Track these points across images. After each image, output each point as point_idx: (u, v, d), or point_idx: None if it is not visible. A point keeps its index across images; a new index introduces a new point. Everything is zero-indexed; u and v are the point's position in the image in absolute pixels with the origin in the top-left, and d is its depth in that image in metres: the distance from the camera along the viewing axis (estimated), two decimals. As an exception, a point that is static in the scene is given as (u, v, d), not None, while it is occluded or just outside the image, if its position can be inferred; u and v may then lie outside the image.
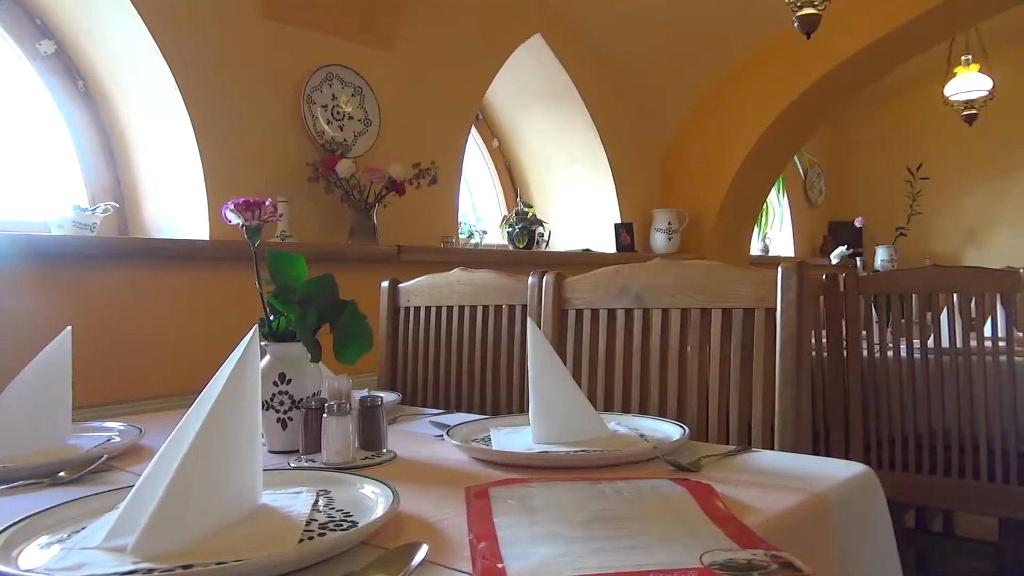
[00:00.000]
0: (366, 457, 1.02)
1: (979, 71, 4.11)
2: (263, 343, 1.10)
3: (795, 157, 5.07)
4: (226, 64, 2.28)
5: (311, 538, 0.69)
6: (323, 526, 0.72)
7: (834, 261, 4.44)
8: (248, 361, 0.78)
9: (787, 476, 0.95)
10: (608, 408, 1.36)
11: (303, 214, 2.39)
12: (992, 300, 2.33)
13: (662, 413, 1.29)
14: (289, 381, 1.08)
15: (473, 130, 3.67)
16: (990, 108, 4.32)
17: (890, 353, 2.26)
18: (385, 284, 1.77)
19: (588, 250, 3.40)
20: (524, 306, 1.52)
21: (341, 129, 2.55)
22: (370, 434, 1.06)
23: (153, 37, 2.12)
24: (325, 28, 2.51)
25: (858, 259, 5.25)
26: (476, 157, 3.72)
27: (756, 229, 4.77)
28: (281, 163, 2.38)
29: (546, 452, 1.04)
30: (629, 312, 1.35)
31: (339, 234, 2.48)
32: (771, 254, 4.88)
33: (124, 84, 2.26)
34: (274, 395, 1.08)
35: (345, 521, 0.74)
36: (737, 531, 0.73)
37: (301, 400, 1.07)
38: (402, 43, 2.75)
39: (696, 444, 1.11)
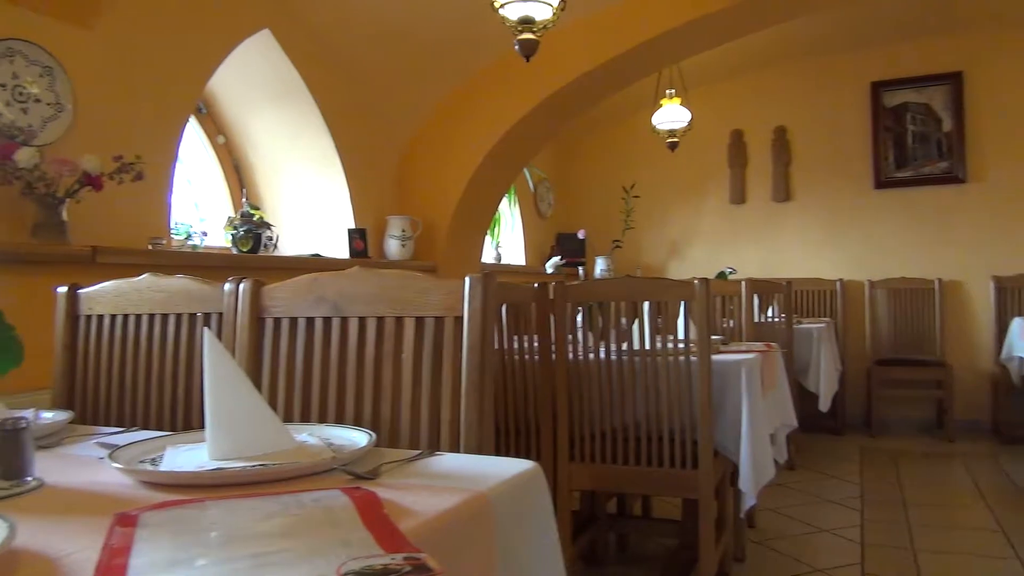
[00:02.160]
0: (1, 488, 0.90)
1: (680, 104, 4.64)
2: None
3: (525, 171, 5.38)
4: None
5: None
6: (-94, 574, 0.62)
7: (549, 271, 4.78)
8: None
9: (458, 477, 0.99)
10: (305, 418, 1.33)
11: (-28, 207, 2.08)
12: (676, 307, 2.64)
13: (358, 421, 1.29)
14: (-95, 404, 0.93)
15: (197, 125, 3.45)
16: (689, 138, 4.91)
17: (592, 356, 2.48)
18: (62, 290, 1.58)
19: (318, 255, 3.33)
20: (221, 314, 1.45)
21: (24, 112, 2.25)
22: (10, 461, 0.94)
23: None
24: (5, -4, 2.20)
25: (580, 268, 5.71)
26: (200, 154, 3.49)
27: (490, 238, 4.99)
28: (-58, 147, 2.04)
29: (220, 469, 0.99)
30: (327, 321, 1.33)
31: (19, 232, 2.19)
32: (503, 262, 5.12)
33: None
34: None
35: (-61, 566, 0.64)
36: (388, 537, 0.74)
37: (-79, 426, 0.92)
38: (106, 23, 2.49)
39: (383, 451, 1.13)
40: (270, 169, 3.57)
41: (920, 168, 5.32)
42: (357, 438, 1.13)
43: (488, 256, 5.01)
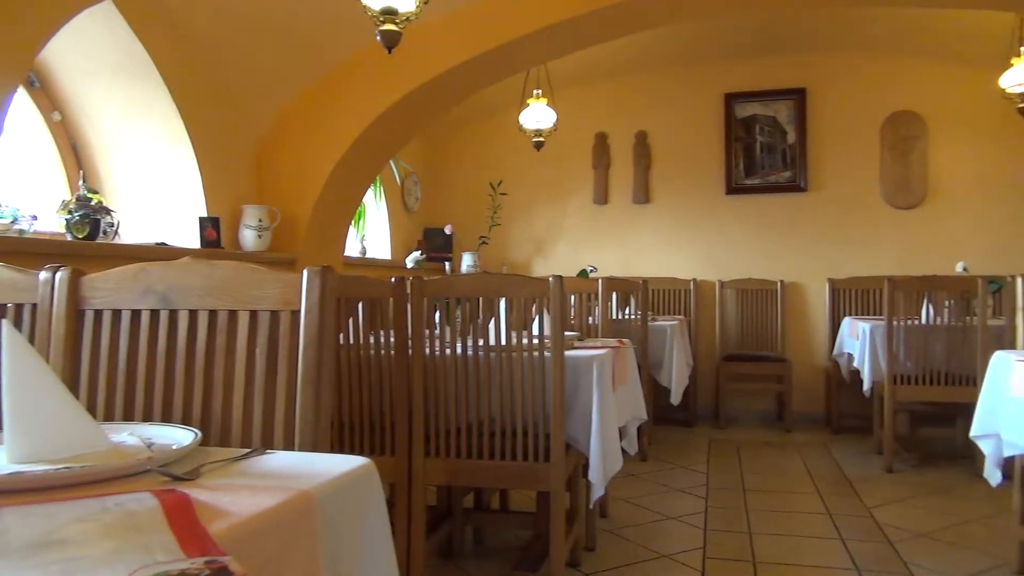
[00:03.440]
0: None
1: (547, 104, 4.72)
2: None
3: (392, 165, 5.32)
4: None
5: None
6: None
7: (409, 265, 4.74)
8: None
9: (284, 476, 0.96)
10: (128, 417, 1.25)
11: None
12: (532, 303, 2.68)
13: (186, 420, 1.23)
14: None
15: (29, 99, 3.18)
16: (555, 138, 5.01)
17: (448, 351, 2.48)
18: None
19: (164, 244, 3.14)
20: (35, 305, 1.34)
21: None
22: None
23: None
24: None
25: (447, 263, 5.71)
26: (32, 131, 3.21)
27: (355, 231, 4.89)
28: None
29: (18, 473, 0.91)
30: (155, 313, 1.26)
31: None
32: (369, 256, 5.04)
33: None
34: None
35: None
36: (193, 540, 0.71)
37: None
38: (-85, -19, 2.25)
39: (209, 450, 1.08)
40: (112, 150, 3.33)
41: (767, 176, 5.68)
42: (182, 437, 1.07)
43: (353, 249, 4.91)
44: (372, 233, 5.31)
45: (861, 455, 4.53)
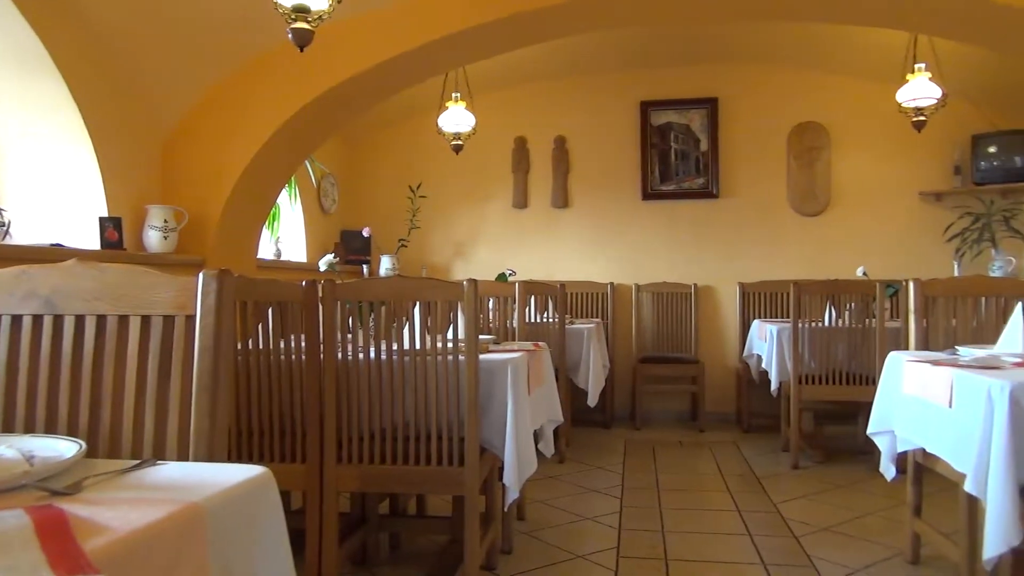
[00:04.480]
0: None
1: (466, 108, 4.72)
2: None
3: (308, 165, 5.22)
4: None
5: None
6: None
7: (322, 268, 4.66)
8: None
9: (173, 488, 0.92)
10: (8, 429, 1.18)
11: None
12: (447, 307, 2.66)
13: (72, 431, 1.17)
14: None
15: (-91, 89, 2.97)
16: (475, 141, 5.01)
17: (361, 355, 2.44)
18: None
19: (60, 245, 2.98)
20: (-96, 310, 1.24)
21: None
22: None
23: None
24: None
25: (365, 266, 5.63)
26: (-88, 123, 3.00)
27: (269, 233, 4.77)
28: None
29: None
30: (37, 319, 1.19)
31: None
32: (284, 258, 4.92)
33: None
34: None
35: None
36: (66, 558, 0.67)
37: None
38: None
39: (95, 463, 1.03)
40: (2, 146, 3.15)
41: (681, 183, 5.83)
42: (65, 449, 1.02)
43: (267, 252, 4.79)
44: (287, 235, 5.19)
45: (769, 453, 4.69)
